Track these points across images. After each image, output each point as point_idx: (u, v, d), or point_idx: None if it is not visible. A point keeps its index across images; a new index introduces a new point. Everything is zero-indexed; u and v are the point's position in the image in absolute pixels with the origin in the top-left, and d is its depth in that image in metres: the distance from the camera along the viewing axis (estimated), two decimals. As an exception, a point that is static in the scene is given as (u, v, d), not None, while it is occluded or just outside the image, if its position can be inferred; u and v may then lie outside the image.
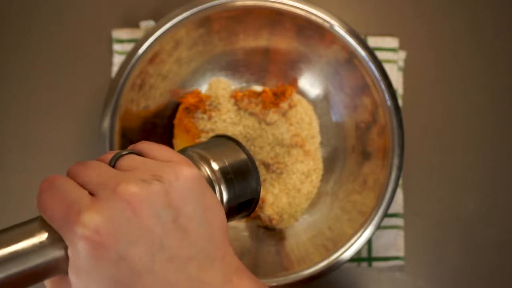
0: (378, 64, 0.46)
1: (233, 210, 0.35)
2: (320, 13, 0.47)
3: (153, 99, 0.49)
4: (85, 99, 0.53)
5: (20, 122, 0.53)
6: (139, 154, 0.30)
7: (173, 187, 0.28)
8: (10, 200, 0.52)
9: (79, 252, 0.25)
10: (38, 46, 0.54)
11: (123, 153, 0.30)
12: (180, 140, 0.50)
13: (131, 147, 0.32)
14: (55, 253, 0.27)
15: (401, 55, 0.55)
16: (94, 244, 0.25)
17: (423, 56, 0.56)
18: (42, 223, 0.27)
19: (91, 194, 0.27)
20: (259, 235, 0.50)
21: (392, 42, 0.55)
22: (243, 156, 0.35)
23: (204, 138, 0.49)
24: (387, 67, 0.53)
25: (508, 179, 0.54)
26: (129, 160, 0.29)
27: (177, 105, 0.50)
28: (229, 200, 0.34)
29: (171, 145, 0.51)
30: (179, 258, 0.27)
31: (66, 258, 0.27)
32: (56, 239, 0.27)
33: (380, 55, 0.53)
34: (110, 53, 0.54)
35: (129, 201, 0.26)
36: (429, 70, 0.56)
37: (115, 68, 0.53)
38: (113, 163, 0.29)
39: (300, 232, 0.50)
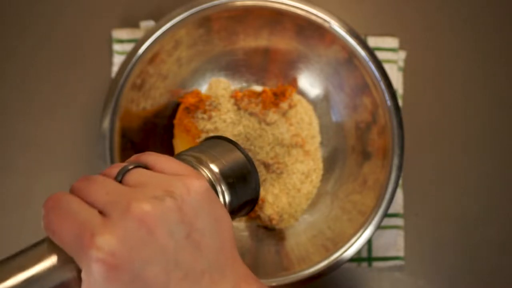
0: (378, 64, 0.46)
1: (235, 211, 0.34)
2: (320, 13, 0.47)
3: (153, 99, 0.49)
4: (85, 99, 0.53)
5: (20, 122, 0.53)
6: (145, 167, 0.30)
7: (185, 202, 0.27)
8: (10, 200, 0.52)
9: (93, 274, 0.25)
10: (38, 46, 0.54)
11: (130, 167, 0.29)
12: (180, 140, 0.50)
13: (134, 158, 0.31)
14: (67, 275, 0.26)
15: (401, 55, 0.55)
16: (109, 266, 0.25)
17: (423, 56, 0.56)
18: (51, 245, 0.27)
19: (101, 213, 0.26)
20: (259, 235, 0.50)
21: (392, 42, 0.55)
22: (241, 157, 0.35)
23: (204, 138, 0.49)
24: (387, 67, 0.53)
25: (508, 179, 0.54)
26: (137, 175, 0.29)
27: (177, 105, 0.50)
28: (231, 201, 0.33)
29: (171, 145, 0.51)
30: (193, 274, 0.27)
31: (78, 278, 0.26)
32: (67, 260, 0.26)
33: (380, 55, 0.53)
34: (110, 53, 0.54)
35: (143, 220, 0.26)
36: (429, 70, 0.56)
37: (115, 68, 0.53)
38: (120, 178, 0.29)
39: (300, 232, 0.50)
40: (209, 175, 0.32)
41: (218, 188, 0.32)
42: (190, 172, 0.29)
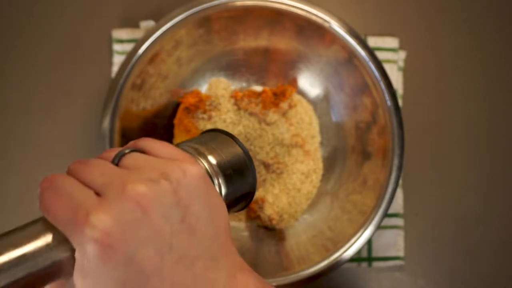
0: (378, 64, 0.46)
1: (231, 204, 0.34)
2: (320, 13, 0.47)
3: (153, 99, 0.49)
4: (85, 99, 0.53)
5: (20, 122, 0.53)
6: (142, 151, 0.30)
7: (181, 185, 0.27)
8: (10, 201, 0.52)
9: (87, 254, 0.25)
10: (38, 46, 0.54)
11: (126, 151, 0.29)
12: (180, 140, 0.50)
13: (132, 144, 0.31)
14: (61, 255, 0.26)
15: (401, 55, 0.55)
16: (104, 246, 0.24)
17: (423, 56, 0.56)
18: (46, 224, 0.27)
19: (96, 194, 0.26)
20: (259, 235, 0.50)
21: (392, 42, 0.55)
22: (238, 150, 0.35)
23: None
24: (387, 67, 0.53)
25: (508, 179, 0.54)
26: (132, 159, 0.28)
27: (177, 105, 0.50)
28: (227, 194, 0.33)
29: (171, 145, 0.51)
30: (187, 258, 0.26)
31: (71, 259, 0.26)
32: (61, 240, 0.26)
33: (380, 55, 0.53)
34: (110, 53, 0.54)
35: (138, 202, 0.25)
36: (429, 70, 0.56)
37: (115, 68, 0.53)
38: (116, 161, 0.28)
39: (300, 232, 0.50)
40: (206, 166, 0.32)
41: (215, 181, 0.32)
42: (187, 157, 0.29)
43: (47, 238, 0.26)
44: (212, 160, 0.33)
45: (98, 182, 0.27)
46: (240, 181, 0.34)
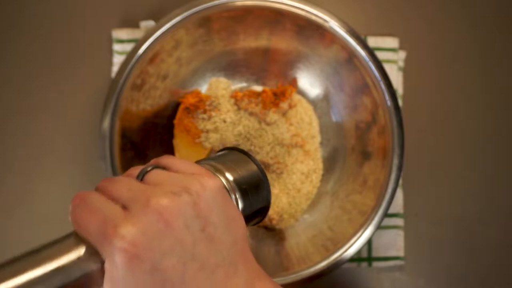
0: (378, 64, 0.46)
1: (247, 219, 0.36)
2: (320, 13, 0.47)
3: (153, 99, 0.49)
4: (85, 99, 0.53)
5: (20, 122, 0.53)
6: (163, 168, 0.32)
7: (201, 197, 0.29)
8: (10, 200, 0.52)
9: (116, 263, 0.27)
10: (38, 46, 0.54)
11: (149, 168, 0.31)
12: (180, 140, 0.50)
13: (154, 161, 0.33)
14: (92, 266, 0.28)
15: (401, 55, 0.55)
16: (131, 255, 0.26)
17: (423, 56, 0.56)
18: (77, 238, 0.29)
19: (123, 208, 0.28)
20: (259, 235, 0.50)
21: (392, 42, 0.55)
22: (253, 167, 0.37)
23: (204, 138, 0.49)
24: (387, 67, 0.53)
25: (508, 179, 0.54)
26: (155, 175, 0.31)
27: (177, 105, 0.50)
28: (244, 209, 0.35)
29: (171, 145, 0.51)
30: (208, 266, 0.28)
31: (101, 271, 0.28)
32: (92, 253, 0.28)
33: (380, 55, 0.53)
34: (110, 53, 0.54)
35: (162, 214, 0.27)
36: (429, 70, 0.56)
37: (115, 68, 0.53)
38: (140, 178, 0.31)
39: (300, 232, 0.50)
40: (224, 182, 0.34)
41: (233, 196, 0.34)
42: (205, 172, 0.31)
43: (79, 251, 0.28)
44: (229, 176, 0.35)
45: (125, 197, 0.29)
46: (256, 196, 0.36)
